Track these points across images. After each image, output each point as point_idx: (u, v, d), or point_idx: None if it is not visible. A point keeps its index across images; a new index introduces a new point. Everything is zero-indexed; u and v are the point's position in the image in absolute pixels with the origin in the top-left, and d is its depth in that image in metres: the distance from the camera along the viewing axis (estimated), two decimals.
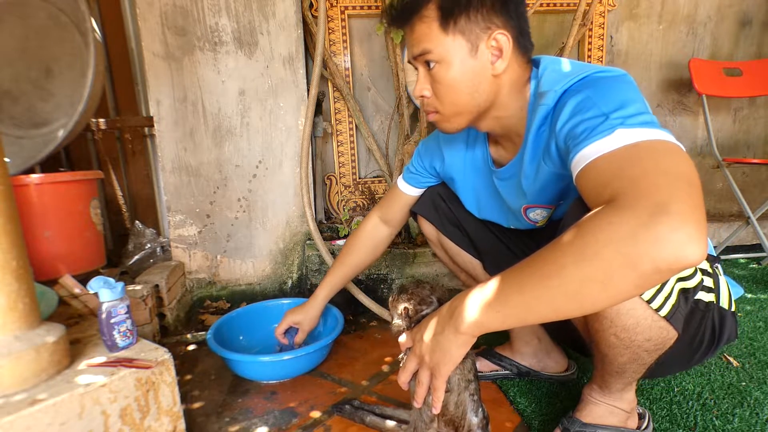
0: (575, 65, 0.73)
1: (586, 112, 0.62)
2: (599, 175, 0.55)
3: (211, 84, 1.53)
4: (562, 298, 0.51)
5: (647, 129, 0.56)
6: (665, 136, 0.55)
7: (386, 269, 1.64)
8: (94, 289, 0.81)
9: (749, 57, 2.17)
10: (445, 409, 0.73)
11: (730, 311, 0.77)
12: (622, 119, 0.57)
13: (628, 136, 0.55)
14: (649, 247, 0.46)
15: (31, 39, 1.52)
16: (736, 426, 0.87)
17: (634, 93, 0.63)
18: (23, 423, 0.62)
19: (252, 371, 1.12)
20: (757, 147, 2.29)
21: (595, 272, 0.48)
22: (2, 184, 0.69)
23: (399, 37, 1.66)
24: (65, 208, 1.36)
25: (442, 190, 1.05)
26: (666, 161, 0.51)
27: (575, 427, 0.80)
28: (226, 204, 1.61)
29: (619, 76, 0.67)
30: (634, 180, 0.50)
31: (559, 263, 0.51)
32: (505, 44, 0.72)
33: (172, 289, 1.44)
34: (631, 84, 0.65)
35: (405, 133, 1.77)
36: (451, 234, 1.06)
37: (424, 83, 0.78)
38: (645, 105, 0.62)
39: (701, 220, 0.46)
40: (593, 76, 0.68)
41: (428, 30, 0.74)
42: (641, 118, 0.58)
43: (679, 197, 0.47)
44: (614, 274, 0.48)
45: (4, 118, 1.52)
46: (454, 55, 0.73)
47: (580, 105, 0.64)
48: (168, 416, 0.81)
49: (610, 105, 0.60)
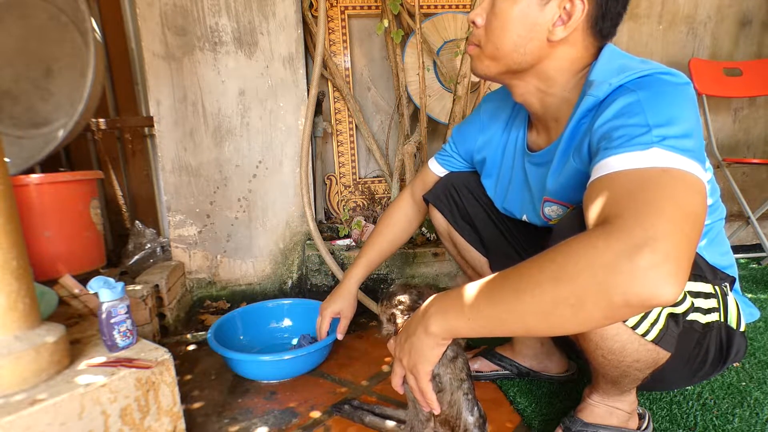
0: (640, 60, 0.66)
1: (630, 117, 0.57)
2: (614, 189, 0.52)
3: (211, 84, 1.53)
4: (533, 317, 0.50)
5: (683, 157, 0.52)
6: (696, 169, 0.52)
7: (386, 269, 1.64)
8: (94, 289, 0.81)
9: (749, 57, 2.17)
10: (440, 410, 0.73)
11: (739, 331, 0.75)
12: (663, 137, 0.53)
13: (661, 158, 0.52)
14: (623, 279, 0.44)
15: (31, 39, 1.52)
16: (736, 426, 0.87)
17: (690, 109, 0.58)
18: (23, 423, 0.62)
19: (252, 371, 1.12)
20: (757, 147, 2.29)
21: (568, 295, 0.47)
22: (2, 184, 0.69)
23: (399, 37, 1.66)
24: (65, 208, 1.36)
25: (458, 182, 1.03)
26: (681, 197, 0.49)
27: (577, 426, 0.80)
28: (226, 204, 1.61)
29: (681, 84, 0.60)
30: (639, 206, 0.48)
31: (535, 279, 0.50)
32: (577, 12, 0.65)
33: (172, 289, 1.44)
34: (690, 98, 0.60)
35: (405, 133, 1.77)
36: (462, 229, 1.04)
37: (483, 10, 0.72)
38: (696, 126, 0.57)
39: (686, 264, 0.46)
40: (655, 76, 0.61)
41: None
42: (684, 142, 0.53)
43: (673, 236, 0.45)
44: (586, 300, 0.47)
45: (4, 118, 1.52)
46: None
47: (629, 107, 0.59)
48: (168, 416, 0.81)
49: (658, 116, 0.55)
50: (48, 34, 1.51)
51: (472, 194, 1.01)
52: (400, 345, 0.68)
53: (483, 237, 1.03)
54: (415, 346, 0.63)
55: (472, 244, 1.05)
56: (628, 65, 0.63)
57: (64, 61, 1.53)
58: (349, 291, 1.10)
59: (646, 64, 0.63)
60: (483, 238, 1.03)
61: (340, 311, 1.10)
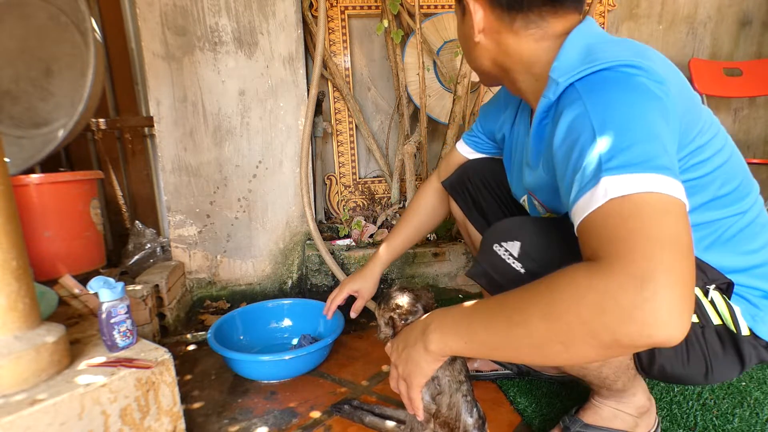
0: (596, 47, 0.61)
1: (577, 141, 0.54)
2: (587, 237, 0.50)
3: (211, 84, 1.53)
4: (527, 349, 0.51)
5: (639, 175, 0.47)
6: (658, 184, 0.47)
7: (386, 269, 1.64)
8: (94, 289, 0.81)
9: (749, 57, 2.17)
10: (438, 411, 0.73)
11: (742, 335, 0.68)
12: (610, 158, 0.49)
13: (615, 187, 0.48)
14: (611, 321, 0.44)
15: (31, 39, 1.52)
16: (736, 426, 0.87)
17: (641, 106, 0.53)
18: (23, 423, 0.62)
19: (252, 371, 1.12)
20: (757, 147, 2.29)
21: (557, 333, 0.48)
22: (2, 184, 0.69)
23: (399, 37, 1.66)
24: (65, 208, 1.36)
25: (473, 172, 1.02)
26: (653, 223, 0.45)
27: (576, 426, 0.80)
28: (226, 204, 1.61)
29: (631, 76, 0.55)
30: (613, 244, 0.46)
31: (527, 313, 0.50)
32: (479, 14, 0.68)
33: (172, 289, 1.44)
34: (640, 90, 0.54)
35: (405, 133, 1.77)
36: (476, 220, 1.04)
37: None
38: (651, 123, 0.52)
39: (683, 300, 0.43)
40: (603, 75, 0.56)
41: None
42: (635, 155, 0.49)
43: (659, 269, 0.43)
44: (575, 339, 0.47)
45: (4, 118, 1.52)
46: (457, 12, 0.75)
47: (574, 124, 0.55)
48: (168, 416, 0.81)
49: (603, 130, 0.51)
50: (48, 34, 1.51)
51: (485, 185, 1.01)
52: (398, 352, 0.69)
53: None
54: (412, 358, 0.65)
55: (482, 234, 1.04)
56: (582, 57, 0.59)
57: (64, 61, 1.53)
58: (372, 273, 1.12)
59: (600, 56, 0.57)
60: None
61: (359, 290, 1.12)
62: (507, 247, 0.66)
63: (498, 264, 0.67)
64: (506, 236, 0.68)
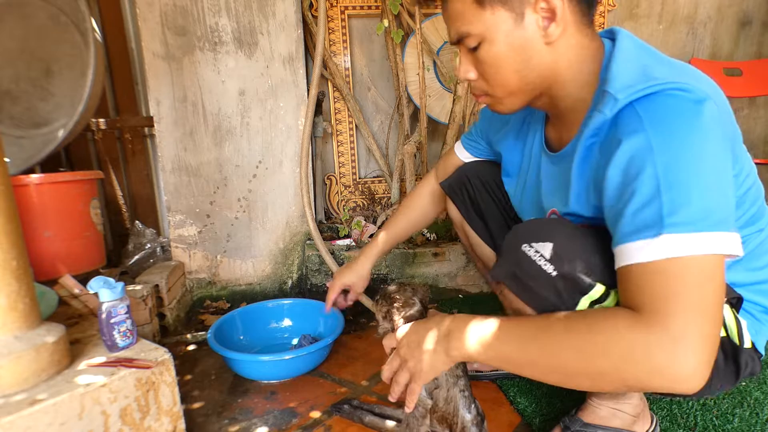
0: (651, 60, 0.61)
1: (636, 179, 0.53)
2: (632, 282, 0.54)
3: (211, 84, 1.53)
4: (554, 374, 0.57)
5: (696, 235, 0.50)
6: (712, 244, 0.50)
7: (386, 269, 1.64)
8: (94, 289, 0.81)
9: (749, 57, 2.17)
10: (436, 406, 0.74)
11: (744, 347, 0.69)
12: (671, 212, 0.51)
13: (671, 246, 0.50)
14: (642, 371, 0.50)
15: (31, 39, 1.52)
16: (736, 426, 0.87)
17: (707, 148, 0.52)
18: (23, 423, 0.62)
19: (252, 371, 1.12)
20: (757, 147, 2.29)
21: (588, 370, 0.54)
22: (2, 184, 0.69)
23: (399, 37, 1.66)
24: (65, 208, 1.36)
25: (473, 174, 1.01)
26: (697, 291, 0.50)
27: (576, 426, 0.80)
28: (226, 204, 1.61)
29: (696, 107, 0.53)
30: (657, 301, 0.51)
31: (562, 346, 0.55)
32: (559, 3, 0.60)
33: (172, 289, 1.44)
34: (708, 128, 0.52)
35: (405, 133, 1.77)
36: (474, 223, 1.04)
37: (467, 65, 0.69)
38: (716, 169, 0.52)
39: (707, 362, 0.49)
40: (668, 102, 0.54)
41: (462, 9, 0.64)
42: (696, 211, 0.50)
43: (694, 334, 0.49)
44: (604, 378, 0.53)
45: (4, 118, 1.52)
46: (496, 31, 0.63)
47: (636, 159, 0.54)
48: (168, 416, 0.81)
49: (667, 176, 0.51)
50: (48, 34, 1.51)
51: (486, 188, 1.00)
52: (409, 347, 0.70)
53: (493, 234, 1.02)
54: (430, 358, 0.68)
55: (483, 239, 1.04)
56: (640, 70, 0.58)
57: (64, 61, 1.53)
58: (362, 266, 1.12)
59: (658, 72, 0.57)
60: (493, 234, 1.02)
61: (351, 285, 1.13)
62: (537, 248, 0.64)
63: (527, 265, 0.65)
64: (537, 237, 0.65)
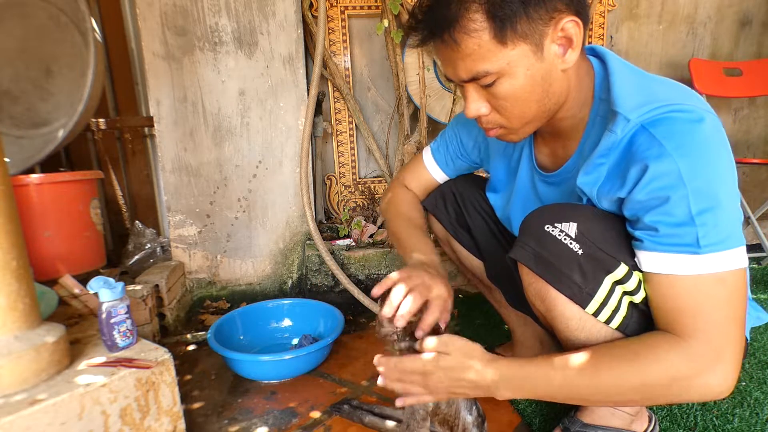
0: (646, 79, 0.64)
1: (672, 204, 0.56)
2: (671, 297, 0.59)
3: (211, 84, 1.53)
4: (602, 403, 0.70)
5: (725, 252, 0.56)
6: (738, 259, 0.57)
7: (386, 269, 1.64)
8: (94, 289, 0.81)
9: (749, 57, 2.17)
10: (438, 408, 0.73)
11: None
12: (710, 233, 0.55)
13: (714, 262, 0.56)
14: (693, 392, 0.57)
15: (31, 39, 1.52)
16: (736, 426, 0.87)
17: (724, 166, 0.57)
18: (23, 423, 0.62)
19: (252, 371, 1.12)
20: (757, 147, 2.29)
21: (642, 400, 0.64)
22: (2, 184, 0.69)
23: (399, 36, 1.66)
24: (65, 208, 1.36)
25: (456, 188, 1.01)
26: (730, 306, 0.56)
27: (576, 426, 0.80)
28: (226, 204, 1.61)
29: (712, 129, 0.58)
30: (698, 323, 0.56)
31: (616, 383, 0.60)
32: (575, 30, 0.60)
33: (172, 289, 1.44)
34: (721, 146, 0.58)
35: (405, 133, 1.77)
36: (460, 236, 1.04)
37: (479, 101, 0.66)
38: (732, 184, 0.58)
39: (738, 367, 0.57)
40: (681, 126, 0.57)
41: (478, 46, 0.59)
42: (724, 228, 0.56)
43: (730, 347, 0.56)
44: (656, 400, 0.62)
45: (4, 118, 1.52)
46: (517, 66, 0.60)
47: (666, 184, 0.56)
48: (168, 416, 0.81)
49: (699, 199, 0.55)
50: (48, 34, 1.51)
51: (467, 199, 1.01)
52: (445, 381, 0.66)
53: (479, 244, 1.03)
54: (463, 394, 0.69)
55: (470, 250, 1.05)
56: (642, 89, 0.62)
57: (64, 61, 1.53)
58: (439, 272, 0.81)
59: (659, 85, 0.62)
60: (479, 245, 1.03)
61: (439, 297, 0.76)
62: (562, 228, 0.65)
63: (552, 244, 0.65)
64: (560, 218, 0.66)
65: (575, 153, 0.72)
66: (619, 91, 0.62)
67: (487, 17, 0.58)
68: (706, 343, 0.56)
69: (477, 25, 0.58)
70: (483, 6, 0.57)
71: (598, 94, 0.68)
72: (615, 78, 0.64)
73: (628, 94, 0.62)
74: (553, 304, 0.67)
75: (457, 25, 0.59)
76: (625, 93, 0.62)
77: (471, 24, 0.58)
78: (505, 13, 0.57)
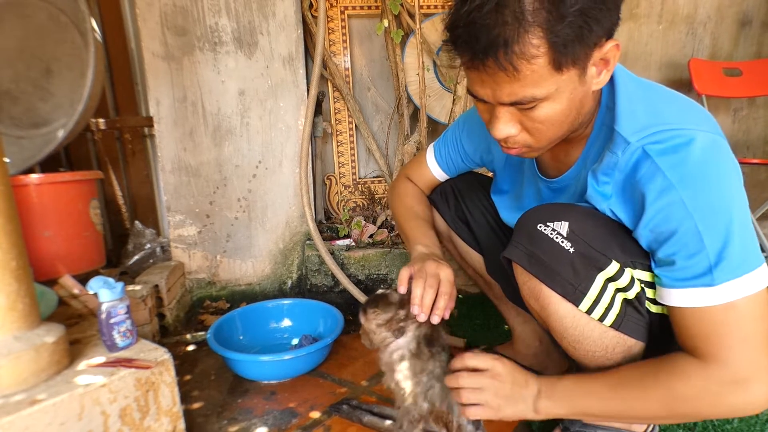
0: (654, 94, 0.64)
1: (677, 235, 0.58)
2: (694, 327, 0.60)
3: (210, 84, 1.53)
4: (635, 421, 0.73)
5: (742, 278, 0.56)
6: (757, 282, 0.57)
7: (386, 269, 1.64)
8: (94, 289, 0.81)
9: (749, 57, 2.17)
10: (432, 406, 0.74)
11: None
12: (717, 262, 0.56)
13: (728, 292, 0.57)
14: (723, 413, 0.61)
15: (31, 39, 1.52)
16: (736, 426, 0.87)
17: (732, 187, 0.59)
18: (23, 423, 0.62)
19: (252, 371, 1.12)
20: (756, 147, 2.29)
21: (671, 416, 0.65)
22: (2, 184, 0.69)
23: (399, 37, 1.66)
24: (65, 208, 1.36)
25: (459, 184, 1.03)
26: (752, 330, 0.58)
27: (575, 426, 0.80)
28: (226, 204, 1.61)
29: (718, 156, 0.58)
30: (723, 349, 0.58)
31: (645, 404, 0.63)
32: (614, 53, 0.58)
33: (172, 289, 1.44)
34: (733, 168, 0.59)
35: (405, 133, 1.77)
36: (461, 232, 1.05)
37: (510, 123, 0.62)
38: (742, 208, 0.59)
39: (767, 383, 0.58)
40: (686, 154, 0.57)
41: (532, 72, 0.54)
42: (737, 254, 0.56)
43: (759, 372, 0.57)
44: (686, 419, 0.67)
45: (4, 118, 1.52)
46: (563, 91, 0.58)
47: (672, 218, 0.58)
48: (168, 416, 0.81)
49: (708, 229, 0.56)
50: (48, 34, 1.51)
51: (471, 199, 1.02)
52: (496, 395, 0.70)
53: (479, 240, 1.03)
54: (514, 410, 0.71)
55: (469, 244, 1.05)
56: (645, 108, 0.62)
57: (64, 61, 1.53)
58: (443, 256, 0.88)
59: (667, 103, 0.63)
60: (478, 238, 1.03)
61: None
62: (554, 227, 0.66)
63: (544, 243, 0.66)
64: (552, 217, 0.67)
65: (578, 160, 0.73)
66: (622, 109, 0.63)
67: (548, 42, 0.53)
68: (724, 367, 0.58)
69: (536, 51, 0.53)
70: (544, 29, 0.52)
71: (605, 102, 0.68)
72: (620, 94, 0.64)
73: (632, 113, 0.62)
74: (546, 303, 0.68)
75: (515, 47, 0.53)
76: (628, 111, 0.62)
77: (530, 49, 0.53)
78: (567, 38, 0.53)
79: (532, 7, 0.52)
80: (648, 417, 0.66)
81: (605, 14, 0.54)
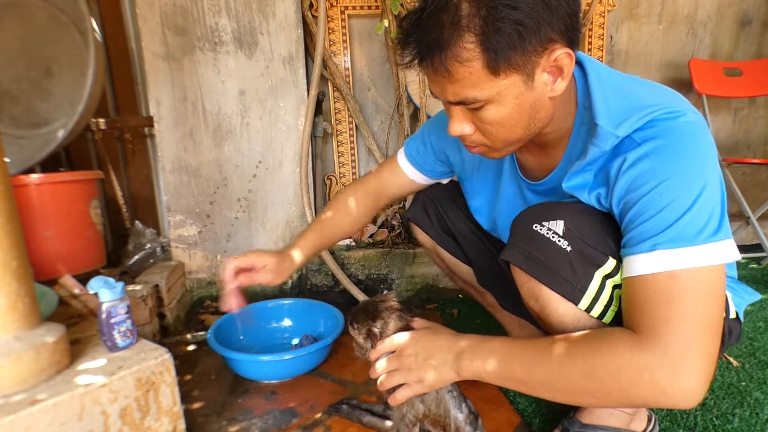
0: (628, 86, 0.64)
1: (642, 206, 0.57)
2: (631, 295, 0.59)
3: (211, 84, 1.53)
4: (560, 394, 0.61)
5: (689, 249, 0.54)
6: (705, 256, 0.54)
7: (386, 269, 1.64)
8: (94, 289, 0.81)
9: (749, 57, 2.17)
10: (427, 410, 0.73)
11: (730, 318, 0.74)
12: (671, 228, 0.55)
13: (669, 259, 0.54)
14: (647, 392, 0.54)
15: (31, 39, 1.52)
16: (736, 426, 0.87)
17: (708, 161, 0.57)
18: (23, 423, 0.62)
19: (252, 371, 1.12)
20: (757, 147, 2.29)
21: (594, 391, 0.58)
22: (2, 184, 0.69)
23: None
24: (65, 208, 1.36)
25: (437, 195, 1.03)
26: (693, 308, 0.54)
27: (575, 427, 0.80)
28: (226, 204, 1.61)
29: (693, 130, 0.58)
30: (656, 324, 0.55)
31: (570, 369, 0.59)
32: (567, 62, 0.59)
33: (172, 289, 1.44)
34: (707, 144, 0.58)
35: (405, 133, 1.77)
36: (446, 243, 1.05)
37: (463, 122, 0.65)
38: (711, 181, 0.56)
39: (707, 376, 0.54)
40: (662, 125, 0.58)
41: (469, 74, 0.58)
42: (697, 226, 0.54)
43: (693, 352, 0.53)
44: (609, 398, 0.58)
45: (4, 118, 1.52)
46: (506, 95, 0.60)
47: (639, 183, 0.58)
48: (168, 416, 0.81)
49: (673, 203, 0.55)
50: (48, 34, 1.51)
51: (452, 208, 1.01)
52: (416, 358, 0.71)
53: (464, 248, 1.03)
54: (437, 375, 0.69)
55: (457, 257, 1.05)
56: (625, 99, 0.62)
57: (64, 61, 1.53)
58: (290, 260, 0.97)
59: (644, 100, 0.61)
60: (464, 249, 1.03)
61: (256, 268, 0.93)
62: (550, 226, 0.66)
63: (541, 243, 0.66)
64: (547, 217, 0.67)
65: (562, 161, 0.73)
66: (598, 103, 0.63)
67: (481, 47, 0.55)
68: (665, 349, 0.54)
69: (470, 54, 0.56)
70: (477, 35, 0.55)
71: (581, 102, 0.69)
72: (594, 89, 0.64)
73: (608, 105, 0.62)
74: (546, 302, 0.68)
75: (450, 51, 0.56)
76: (604, 104, 0.63)
77: (464, 53, 0.56)
78: (499, 44, 0.55)
79: (467, 13, 0.55)
80: (571, 390, 0.59)
81: (545, 25, 0.55)
